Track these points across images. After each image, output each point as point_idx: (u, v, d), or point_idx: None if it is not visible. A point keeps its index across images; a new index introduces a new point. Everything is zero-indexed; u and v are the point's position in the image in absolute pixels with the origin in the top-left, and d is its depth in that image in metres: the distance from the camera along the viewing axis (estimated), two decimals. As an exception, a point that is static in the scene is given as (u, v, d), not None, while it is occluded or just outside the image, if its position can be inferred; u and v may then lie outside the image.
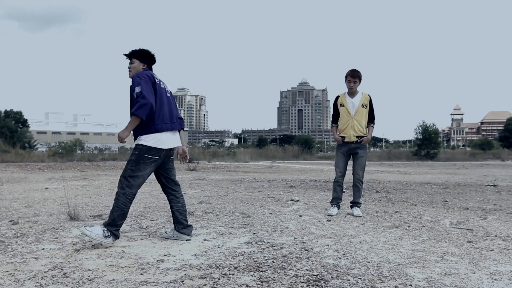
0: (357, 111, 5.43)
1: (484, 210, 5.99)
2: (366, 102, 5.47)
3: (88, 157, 28.55)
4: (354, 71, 5.39)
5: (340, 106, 5.52)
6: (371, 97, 5.54)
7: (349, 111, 5.45)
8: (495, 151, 44.14)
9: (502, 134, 69.77)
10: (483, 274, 2.98)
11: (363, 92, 5.54)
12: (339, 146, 5.57)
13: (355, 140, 5.44)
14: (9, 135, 38.36)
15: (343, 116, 5.49)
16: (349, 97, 5.49)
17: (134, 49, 3.91)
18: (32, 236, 4.09)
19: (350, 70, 5.41)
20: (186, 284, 2.70)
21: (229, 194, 7.90)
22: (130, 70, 3.87)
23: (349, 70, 5.42)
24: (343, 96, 5.55)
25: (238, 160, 28.59)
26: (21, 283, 2.70)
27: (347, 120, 5.45)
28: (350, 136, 5.44)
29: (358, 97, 5.47)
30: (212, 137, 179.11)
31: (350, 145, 5.47)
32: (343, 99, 5.53)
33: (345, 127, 5.47)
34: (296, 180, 11.51)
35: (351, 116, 5.44)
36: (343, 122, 5.49)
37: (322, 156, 39.83)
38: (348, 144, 5.47)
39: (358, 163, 5.52)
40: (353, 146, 5.47)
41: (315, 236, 4.18)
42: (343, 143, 5.50)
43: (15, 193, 7.86)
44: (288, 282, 2.75)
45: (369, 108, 5.50)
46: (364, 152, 5.53)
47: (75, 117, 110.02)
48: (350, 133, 5.43)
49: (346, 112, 5.47)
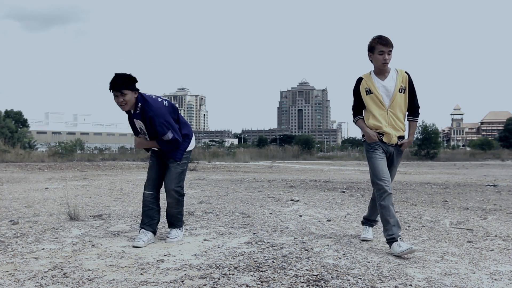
0: (393, 100, 3.71)
1: (484, 210, 5.99)
2: (404, 84, 3.75)
3: (88, 157, 28.54)
4: (383, 37, 3.68)
5: (367, 94, 3.77)
6: (410, 76, 3.80)
7: (381, 100, 3.72)
8: (495, 151, 44.10)
9: (502, 134, 69.83)
10: (483, 274, 2.98)
11: (396, 68, 3.82)
12: (374, 145, 3.76)
13: (396, 143, 3.78)
14: (9, 135, 38.37)
15: (373, 108, 3.75)
16: (378, 79, 3.76)
17: (118, 79, 3.56)
18: (32, 236, 4.09)
19: (377, 37, 3.70)
20: (186, 284, 2.70)
21: (229, 194, 7.90)
22: (123, 104, 3.60)
23: (375, 37, 3.72)
24: (368, 78, 3.78)
25: (238, 160, 28.59)
26: (21, 283, 2.70)
27: (380, 113, 3.73)
28: (391, 136, 3.73)
29: (392, 78, 3.75)
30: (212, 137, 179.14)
31: (388, 149, 3.77)
32: (369, 83, 3.77)
33: (378, 123, 3.73)
34: (296, 180, 11.51)
35: (385, 108, 3.73)
36: (374, 116, 3.75)
37: (322, 156, 39.83)
38: (385, 145, 3.76)
39: (393, 173, 3.91)
40: (391, 150, 3.78)
41: (315, 236, 4.18)
42: (378, 142, 3.76)
43: (15, 193, 7.86)
44: (288, 282, 2.75)
45: (410, 92, 3.78)
46: (399, 160, 3.93)
47: (75, 117, 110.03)
48: (391, 132, 3.73)
49: (377, 101, 3.74)
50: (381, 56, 3.66)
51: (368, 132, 3.75)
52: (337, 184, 10.04)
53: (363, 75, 3.85)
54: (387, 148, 3.76)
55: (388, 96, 3.72)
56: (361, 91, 3.80)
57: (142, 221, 3.91)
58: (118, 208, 6.01)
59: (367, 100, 3.78)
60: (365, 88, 3.78)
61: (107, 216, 5.24)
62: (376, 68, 3.75)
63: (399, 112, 3.75)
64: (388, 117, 3.72)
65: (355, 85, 3.87)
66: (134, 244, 3.67)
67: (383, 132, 3.72)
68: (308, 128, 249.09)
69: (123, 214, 5.43)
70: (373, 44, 3.69)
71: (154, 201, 3.93)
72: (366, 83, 3.78)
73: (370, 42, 3.72)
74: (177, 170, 3.85)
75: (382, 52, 3.65)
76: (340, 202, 6.79)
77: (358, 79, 3.86)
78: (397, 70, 3.79)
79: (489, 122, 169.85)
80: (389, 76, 3.76)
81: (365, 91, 3.78)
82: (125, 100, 3.59)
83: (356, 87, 3.86)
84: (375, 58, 3.70)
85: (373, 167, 3.70)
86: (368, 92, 3.76)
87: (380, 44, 3.65)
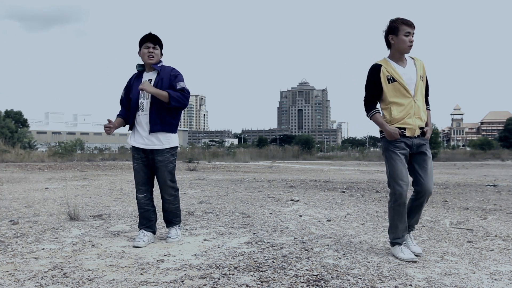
0: (417, 88, 3.40)
1: (484, 210, 5.99)
2: (422, 71, 3.48)
3: (88, 157, 28.54)
4: (406, 18, 3.39)
5: (389, 82, 3.38)
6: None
7: (407, 88, 3.37)
8: (495, 151, 44.10)
9: (502, 134, 69.79)
10: (483, 274, 2.98)
11: (410, 56, 3.53)
12: (395, 143, 3.39)
13: (419, 134, 3.43)
14: (9, 135, 38.37)
15: (397, 98, 3.37)
16: (399, 66, 3.42)
17: (154, 35, 3.81)
18: (32, 236, 4.09)
19: (399, 18, 3.39)
20: (186, 284, 2.70)
21: (229, 194, 7.90)
22: (153, 56, 3.77)
23: (397, 18, 3.40)
24: (387, 65, 3.40)
25: (238, 160, 28.58)
26: (21, 283, 2.70)
27: (407, 103, 3.37)
28: (414, 127, 3.37)
29: (411, 65, 3.46)
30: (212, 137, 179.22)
31: (412, 141, 3.40)
32: (391, 70, 3.38)
33: (403, 115, 3.37)
34: (296, 180, 11.51)
35: (411, 97, 3.37)
36: (399, 106, 3.38)
37: (322, 156, 39.83)
38: (408, 140, 3.39)
39: (425, 167, 3.45)
40: (416, 142, 3.42)
41: (315, 236, 4.18)
42: (400, 138, 3.39)
43: (15, 193, 7.86)
44: (288, 282, 2.75)
45: (426, 81, 3.55)
46: (429, 151, 3.53)
47: (75, 117, 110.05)
48: (415, 123, 3.37)
49: (403, 90, 3.36)
50: (407, 38, 3.32)
51: (389, 129, 3.35)
52: (337, 184, 10.03)
53: (379, 62, 3.45)
54: (411, 141, 3.39)
55: (412, 84, 3.38)
56: (382, 79, 3.37)
57: (141, 222, 3.91)
58: (118, 208, 6.01)
59: (389, 90, 3.37)
60: (387, 76, 3.37)
61: (107, 216, 5.24)
62: (398, 52, 3.39)
63: (422, 101, 3.44)
64: (415, 107, 3.36)
65: (373, 73, 3.42)
66: (134, 245, 3.67)
67: (407, 125, 3.36)
68: (308, 128, 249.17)
69: (123, 214, 5.43)
70: (396, 25, 3.35)
71: (149, 202, 3.94)
72: (387, 70, 3.38)
73: (391, 23, 3.38)
74: (168, 168, 3.83)
75: (408, 33, 3.33)
76: (340, 202, 6.79)
77: (376, 66, 3.43)
78: (412, 58, 3.51)
79: (489, 122, 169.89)
80: (408, 63, 3.45)
81: (387, 79, 3.37)
82: (155, 53, 3.78)
83: (375, 76, 3.40)
84: (399, 40, 3.34)
85: (391, 168, 3.38)
86: (390, 80, 3.36)
87: (406, 24, 3.33)
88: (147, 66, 3.85)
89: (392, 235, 3.46)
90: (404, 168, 3.38)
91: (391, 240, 3.47)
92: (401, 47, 3.36)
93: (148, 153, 3.82)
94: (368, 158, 33.74)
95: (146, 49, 3.77)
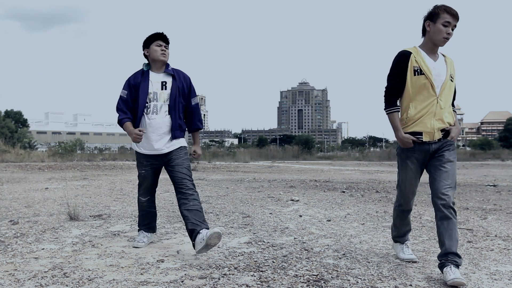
0: (444, 87, 2.97)
1: (484, 210, 5.99)
2: (453, 71, 3.08)
3: (88, 157, 28.51)
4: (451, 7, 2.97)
5: (415, 74, 2.98)
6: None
7: (433, 84, 2.95)
8: (495, 151, 44.06)
9: (502, 134, 69.76)
10: (483, 274, 2.98)
11: (441, 53, 3.12)
12: (408, 151, 3.05)
13: (440, 138, 2.99)
14: (9, 135, 38.41)
15: (419, 93, 2.97)
16: (430, 58, 3.01)
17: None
18: (32, 236, 4.09)
19: (444, 5, 2.97)
20: (186, 284, 2.70)
21: (229, 194, 7.90)
22: (165, 54, 3.58)
23: (441, 4, 2.99)
24: (418, 55, 3.00)
25: (238, 160, 28.58)
26: (21, 283, 2.71)
27: (429, 101, 2.96)
28: (432, 131, 2.96)
29: (442, 61, 3.05)
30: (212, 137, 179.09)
31: (431, 147, 2.99)
32: (420, 60, 2.98)
33: (422, 114, 2.97)
34: (296, 180, 11.51)
35: (436, 95, 2.96)
36: (419, 103, 2.98)
37: (322, 156, 39.82)
38: (426, 147, 2.99)
39: (445, 173, 2.93)
40: (436, 147, 2.99)
41: (315, 236, 4.18)
42: (416, 145, 3.00)
43: (15, 193, 7.86)
44: (288, 282, 2.75)
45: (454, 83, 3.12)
46: (454, 154, 3.02)
47: (75, 117, 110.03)
48: (433, 125, 2.95)
49: (428, 85, 2.96)
50: (444, 28, 2.91)
51: (401, 137, 3.00)
52: (337, 184, 10.03)
53: (409, 49, 3.04)
54: (428, 147, 2.99)
55: (439, 81, 2.97)
56: (409, 69, 2.98)
57: (141, 223, 3.81)
58: (118, 208, 6.01)
59: (413, 82, 2.97)
60: (414, 67, 2.97)
61: (107, 216, 5.24)
62: (431, 42, 3.00)
63: (448, 102, 3.02)
64: (436, 107, 2.95)
65: (400, 61, 3.03)
66: (134, 245, 3.67)
67: (424, 128, 2.96)
68: (308, 128, 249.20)
69: (123, 214, 5.43)
70: (437, 11, 2.95)
71: (152, 204, 3.82)
72: (416, 59, 2.98)
73: (433, 8, 2.99)
74: (186, 164, 3.54)
75: (447, 23, 2.91)
76: (340, 202, 6.79)
77: (405, 53, 3.03)
78: (443, 55, 3.11)
79: (489, 122, 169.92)
80: (439, 59, 3.05)
81: (413, 70, 2.98)
82: (167, 53, 3.61)
83: (403, 63, 3.01)
84: (435, 29, 2.95)
85: (400, 177, 3.15)
86: (417, 72, 2.96)
87: (448, 13, 2.91)
88: (158, 64, 3.59)
89: (393, 233, 3.41)
90: (413, 178, 3.09)
91: (393, 237, 3.43)
92: (435, 37, 2.96)
93: (161, 157, 3.56)
94: (368, 158, 33.73)
95: (158, 47, 3.56)
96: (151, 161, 3.60)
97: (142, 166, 3.65)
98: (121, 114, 3.59)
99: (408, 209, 3.24)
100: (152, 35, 3.63)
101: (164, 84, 3.56)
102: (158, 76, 3.58)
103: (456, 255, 2.78)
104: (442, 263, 2.80)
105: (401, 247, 3.34)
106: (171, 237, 4.09)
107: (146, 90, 3.53)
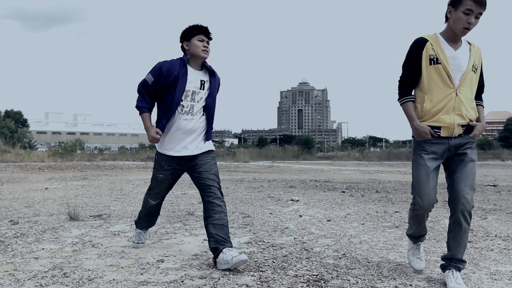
0: (464, 78, 2.73)
1: (484, 210, 5.99)
2: (478, 61, 2.81)
3: (88, 157, 28.52)
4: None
5: (431, 63, 2.74)
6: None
7: (450, 74, 2.71)
8: (495, 151, 44.04)
9: (502, 134, 69.68)
10: (483, 274, 2.98)
11: (468, 40, 2.84)
12: (424, 145, 2.79)
13: (460, 133, 2.75)
14: (9, 135, 38.39)
15: (435, 84, 2.74)
16: (450, 47, 2.76)
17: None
18: (32, 236, 4.09)
19: None
20: (186, 284, 2.70)
21: (229, 194, 7.90)
22: (207, 51, 3.26)
23: None
24: (435, 42, 2.76)
25: (238, 160, 28.58)
26: (21, 283, 2.71)
27: (446, 94, 2.72)
28: (451, 126, 2.72)
29: (464, 50, 2.78)
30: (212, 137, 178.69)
31: (450, 142, 2.75)
32: (437, 48, 2.74)
33: (439, 108, 2.73)
34: (296, 180, 11.51)
35: (454, 87, 2.72)
36: (435, 96, 2.74)
37: (322, 156, 39.83)
38: (445, 141, 2.75)
39: (465, 174, 2.73)
40: (456, 142, 2.75)
41: (315, 236, 4.18)
42: (434, 139, 2.76)
43: (15, 193, 7.86)
44: (288, 282, 2.75)
45: (480, 73, 2.85)
46: (475, 153, 2.81)
47: (75, 117, 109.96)
48: (453, 120, 2.71)
49: (445, 76, 2.72)
50: (465, 17, 2.62)
51: (418, 126, 2.75)
52: (337, 184, 10.03)
53: (426, 36, 2.79)
54: (448, 143, 2.74)
55: (459, 72, 2.72)
56: (424, 57, 2.75)
57: (141, 224, 3.66)
58: (118, 208, 6.01)
59: (429, 72, 2.74)
60: (430, 55, 2.74)
61: (107, 216, 5.24)
62: (451, 31, 2.73)
63: (470, 95, 2.77)
64: (455, 100, 2.70)
65: (415, 49, 2.79)
66: (135, 246, 3.66)
67: (442, 123, 2.72)
68: (308, 128, 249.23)
69: (123, 214, 5.43)
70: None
71: (159, 208, 3.64)
72: (432, 47, 2.74)
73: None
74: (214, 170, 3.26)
75: (469, 11, 2.61)
76: (340, 202, 6.79)
77: (421, 40, 2.78)
78: (469, 43, 2.83)
79: (489, 122, 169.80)
80: (461, 47, 2.77)
81: (429, 59, 2.74)
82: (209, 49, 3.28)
83: (417, 51, 2.77)
84: (456, 16, 2.66)
85: (415, 175, 2.81)
86: (433, 61, 2.73)
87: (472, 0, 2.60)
88: (198, 60, 3.27)
89: (408, 231, 3.13)
90: (428, 177, 2.77)
91: (407, 234, 3.16)
92: (455, 26, 2.68)
93: (185, 162, 3.27)
94: (368, 158, 33.74)
95: (200, 42, 3.21)
96: (174, 165, 3.30)
97: (162, 169, 3.33)
98: (141, 100, 3.24)
99: (423, 214, 2.89)
100: (194, 27, 3.25)
101: (203, 83, 3.26)
102: (197, 74, 3.27)
103: (460, 261, 2.76)
104: (445, 265, 2.79)
105: (411, 247, 3.12)
106: (171, 237, 4.09)
107: (183, 86, 3.18)
